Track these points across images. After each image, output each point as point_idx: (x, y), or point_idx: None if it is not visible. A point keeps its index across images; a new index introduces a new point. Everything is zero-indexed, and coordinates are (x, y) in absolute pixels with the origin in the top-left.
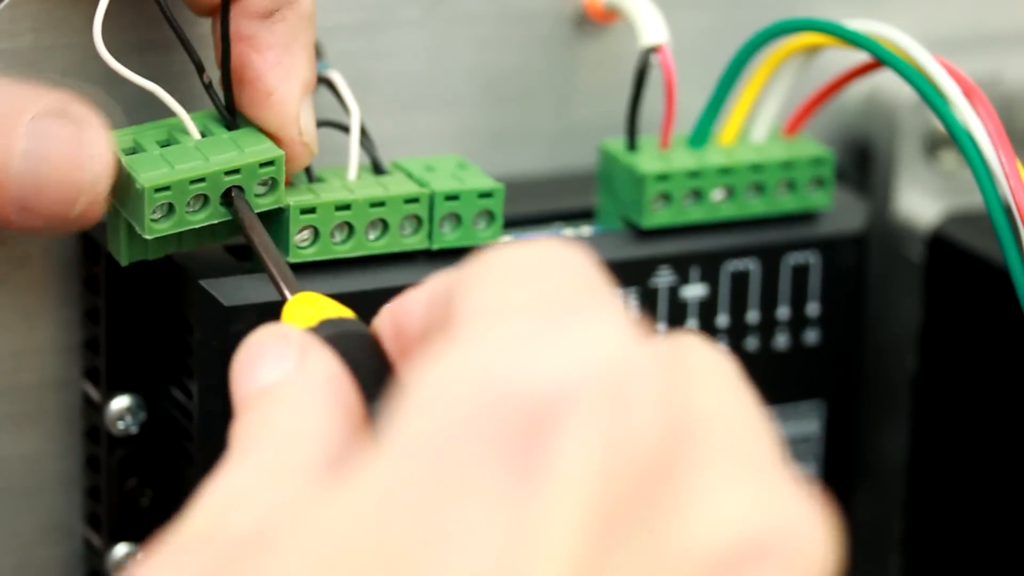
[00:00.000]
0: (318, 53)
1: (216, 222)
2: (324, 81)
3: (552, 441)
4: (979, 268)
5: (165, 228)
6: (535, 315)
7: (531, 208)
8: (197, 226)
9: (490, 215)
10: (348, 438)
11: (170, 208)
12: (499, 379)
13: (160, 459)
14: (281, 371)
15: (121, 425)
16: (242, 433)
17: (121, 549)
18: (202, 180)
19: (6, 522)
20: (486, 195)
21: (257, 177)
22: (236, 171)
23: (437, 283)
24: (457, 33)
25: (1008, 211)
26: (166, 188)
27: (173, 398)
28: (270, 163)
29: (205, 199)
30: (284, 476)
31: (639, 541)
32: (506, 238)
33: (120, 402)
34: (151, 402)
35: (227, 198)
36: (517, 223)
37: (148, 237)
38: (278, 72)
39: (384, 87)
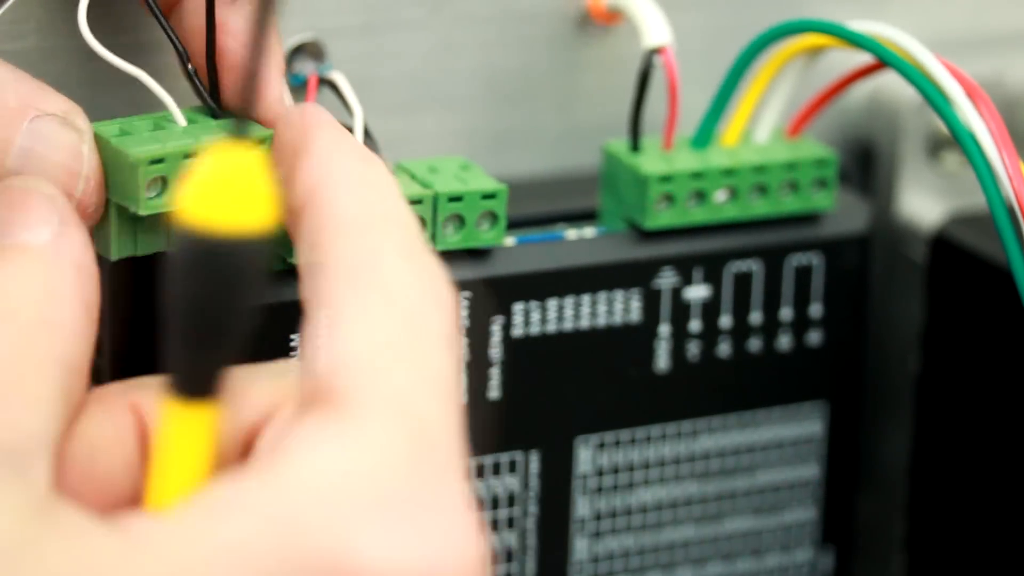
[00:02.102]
0: (320, 54)
1: None
2: (327, 82)
3: None
4: (982, 269)
5: (161, 205)
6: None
7: (534, 209)
8: None
9: (493, 216)
10: (83, 337)
11: (164, 183)
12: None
13: None
14: (39, 237)
15: None
16: None
17: None
18: (195, 155)
19: None
20: (489, 196)
21: None
22: None
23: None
24: (460, 34)
25: (1011, 212)
26: (160, 160)
27: None
28: (260, 142)
29: None
30: (25, 368)
31: None
32: (510, 239)
33: None
34: None
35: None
36: (520, 224)
37: (143, 214)
38: None
39: (387, 88)
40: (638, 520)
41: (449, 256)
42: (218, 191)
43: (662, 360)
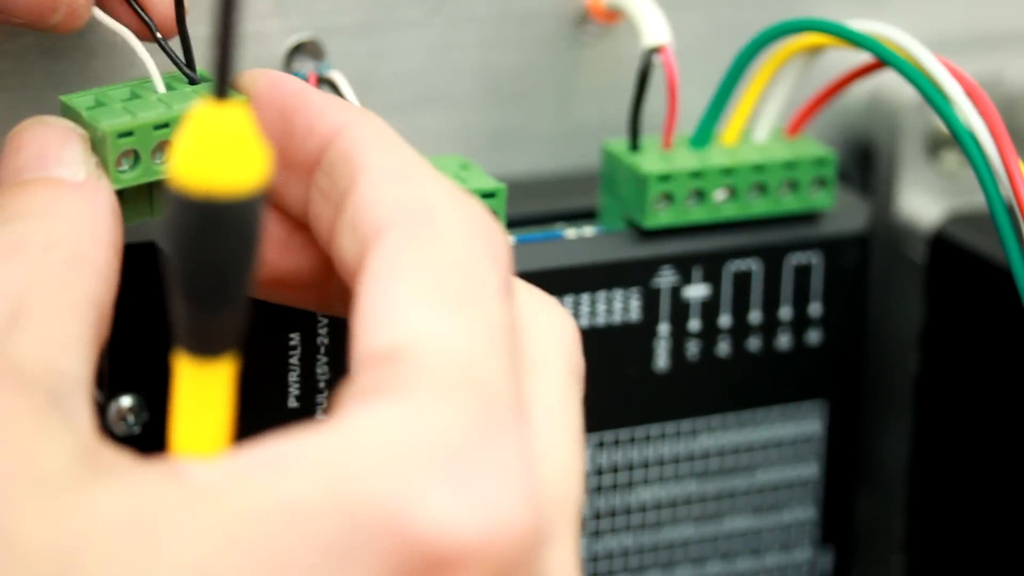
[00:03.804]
0: (320, 53)
1: None
2: (326, 81)
3: None
4: (981, 268)
5: (132, 178)
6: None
7: (533, 208)
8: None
9: (493, 215)
10: (112, 281)
11: (136, 156)
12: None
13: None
14: (75, 175)
15: (123, 426)
16: (22, 209)
17: None
18: (166, 126)
19: None
20: (489, 195)
21: None
22: None
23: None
24: (459, 33)
25: (1010, 211)
26: (129, 133)
27: None
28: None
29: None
30: (63, 304)
31: None
32: (509, 238)
33: (122, 402)
34: (153, 402)
35: None
36: (519, 223)
37: (116, 187)
38: None
39: (386, 88)
40: (637, 519)
41: None
42: (207, 152)
43: (661, 359)
